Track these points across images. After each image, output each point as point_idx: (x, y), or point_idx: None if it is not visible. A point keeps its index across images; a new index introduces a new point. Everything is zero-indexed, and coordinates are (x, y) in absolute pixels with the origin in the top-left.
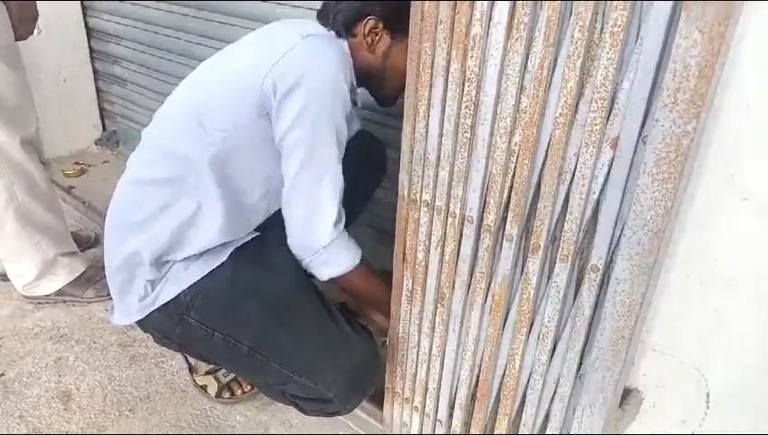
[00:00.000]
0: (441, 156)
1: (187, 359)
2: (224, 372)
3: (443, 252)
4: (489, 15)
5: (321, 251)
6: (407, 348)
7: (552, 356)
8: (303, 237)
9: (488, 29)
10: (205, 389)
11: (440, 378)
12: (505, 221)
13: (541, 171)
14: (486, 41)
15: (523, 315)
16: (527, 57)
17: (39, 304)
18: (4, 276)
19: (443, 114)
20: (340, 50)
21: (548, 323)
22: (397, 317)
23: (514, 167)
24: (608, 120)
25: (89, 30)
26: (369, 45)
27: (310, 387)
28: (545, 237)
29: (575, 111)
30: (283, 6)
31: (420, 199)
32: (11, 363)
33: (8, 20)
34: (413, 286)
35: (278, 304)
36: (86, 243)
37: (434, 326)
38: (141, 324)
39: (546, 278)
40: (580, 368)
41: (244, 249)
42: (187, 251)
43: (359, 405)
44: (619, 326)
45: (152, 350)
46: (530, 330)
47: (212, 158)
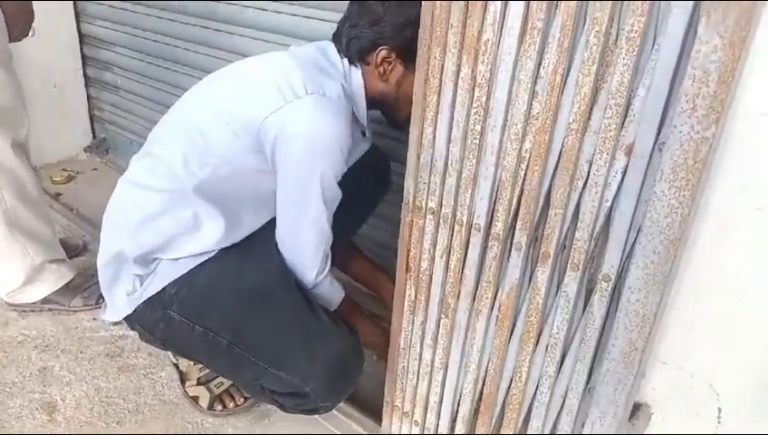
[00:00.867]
0: (449, 162)
1: (178, 368)
2: (216, 383)
3: (448, 260)
4: (502, 20)
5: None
6: (407, 360)
7: (561, 368)
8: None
9: (501, 34)
10: (196, 400)
11: (442, 391)
12: (514, 229)
13: (552, 178)
14: (498, 46)
15: (530, 326)
16: (540, 62)
17: (24, 312)
18: None
19: (452, 120)
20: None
21: (556, 333)
22: (398, 328)
23: (524, 174)
24: (622, 127)
25: (81, 36)
26: (382, 75)
27: (286, 380)
28: (555, 246)
29: (589, 118)
30: (279, 14)
31: (426, 206)
32: None
33: (2, 21)
34: (416, 296)
35: (257, 298)
36: (74, 250)
37: (437, 337)
38: (128, 320)
39: (555, 288)
40: (589, 380)
41: (232, 245)
42: (176, 254)
43: (338, 404)
44: (632, 337)
45: (141, 360)
46: (537, 341)
47: (208, 176)
